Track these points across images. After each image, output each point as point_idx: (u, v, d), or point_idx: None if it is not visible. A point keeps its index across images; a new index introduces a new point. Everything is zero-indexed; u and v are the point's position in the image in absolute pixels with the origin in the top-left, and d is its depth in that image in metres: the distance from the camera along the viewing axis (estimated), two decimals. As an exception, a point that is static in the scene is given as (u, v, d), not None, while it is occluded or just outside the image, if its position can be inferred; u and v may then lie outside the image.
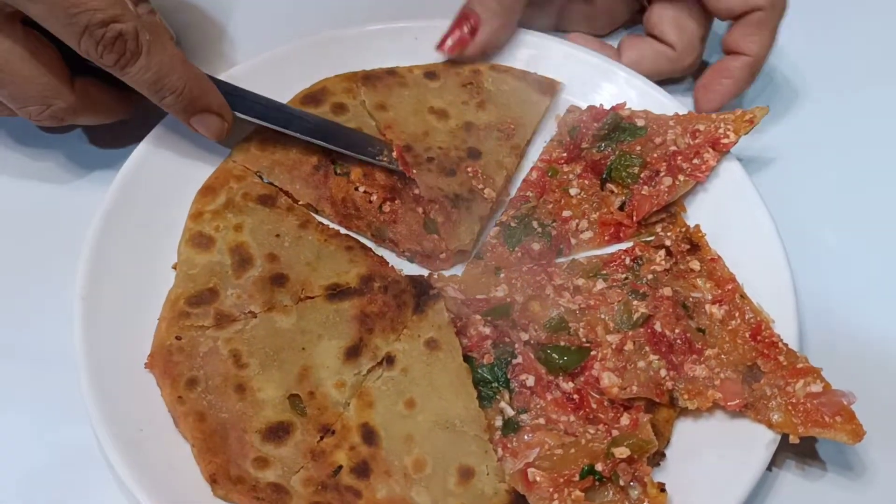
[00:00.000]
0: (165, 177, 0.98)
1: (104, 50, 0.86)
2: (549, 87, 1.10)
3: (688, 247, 0.97)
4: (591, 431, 0.85)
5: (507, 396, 0.87)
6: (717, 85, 1.10)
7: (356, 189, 0.99)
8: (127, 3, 0.87)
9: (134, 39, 0.87)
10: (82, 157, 1.07)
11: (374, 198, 0.99)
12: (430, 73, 1.10)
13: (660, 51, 1.13)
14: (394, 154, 1.01)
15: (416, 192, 1.00)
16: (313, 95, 1.06)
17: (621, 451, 0.80)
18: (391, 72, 1.10)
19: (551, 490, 0.79)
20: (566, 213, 1.01)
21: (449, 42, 1.09)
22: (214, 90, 0.96)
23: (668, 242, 0.97)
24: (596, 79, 1.11)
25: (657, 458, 0.84)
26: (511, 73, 1.11)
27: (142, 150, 0.99)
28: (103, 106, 0.98)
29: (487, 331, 0.90)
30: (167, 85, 0.91)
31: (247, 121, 1.00)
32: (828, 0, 1.13)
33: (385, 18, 1.14)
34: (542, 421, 0.86)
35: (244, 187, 0.98)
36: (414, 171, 0.99)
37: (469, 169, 1.01)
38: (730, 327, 0.89)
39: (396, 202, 0.99)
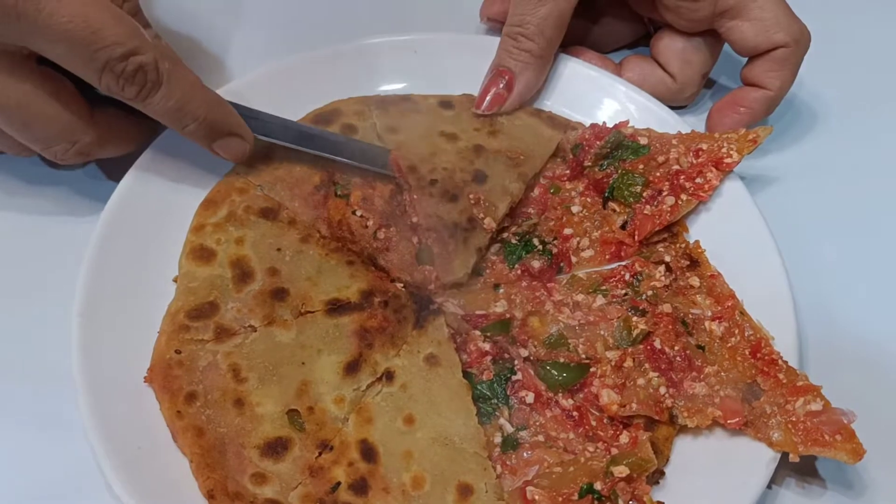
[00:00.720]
0: (166, 189, 1.00)
1: (125, 83, 0.87)
2: (562, 125, 1.11)
3: (687, 263, 0.99)
4: (591, 449, 0.87)
5: (506, 413, 0.89)
6: (734, 113, 1.12)
7: (353, 213, 1.01)
8: (143, 33, 0.89)
9: (154, 70, 0.88)
10: (81, 171, 1.09)
11: (369, 223, 1.00)
12: (446, 103, 1.13)
13: (661, 78, 1.17)
14: (389, 156, 1.03)
15: (413, 220, 1.01)
16: (324, 115, 1.09)
17: (620, 470, 0.82)
18: (406, 98, 1.13)
19: (550, 509, 0.81)
20: (567, 231, 1.03)
21: (486, 101, 1.10)
22: (234, 112, 0.98)
23: (667, 258, 0.99)
24: (597, 94, 1.14)
25: (656, 476, 0.86)
26: (525, 110, 1.13)
27: (142, 162, 1.01)
28: (125, 135, 1.00)
29: (487, 347, 0.92)
30: (189, 112, 0.93)
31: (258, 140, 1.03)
32: (831, 23, 1.16)
33: (381, 32, 1.16)
34: (541, 438, 0.88)
35: (246, 200, 1.01)
36: (415, 196, 1.01)
37: (472, 196, 1.02)
38: (729, 344, 0.91)
39: (392, 230, 1.00)
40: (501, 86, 1.10)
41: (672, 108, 1.14)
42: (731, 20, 1.09)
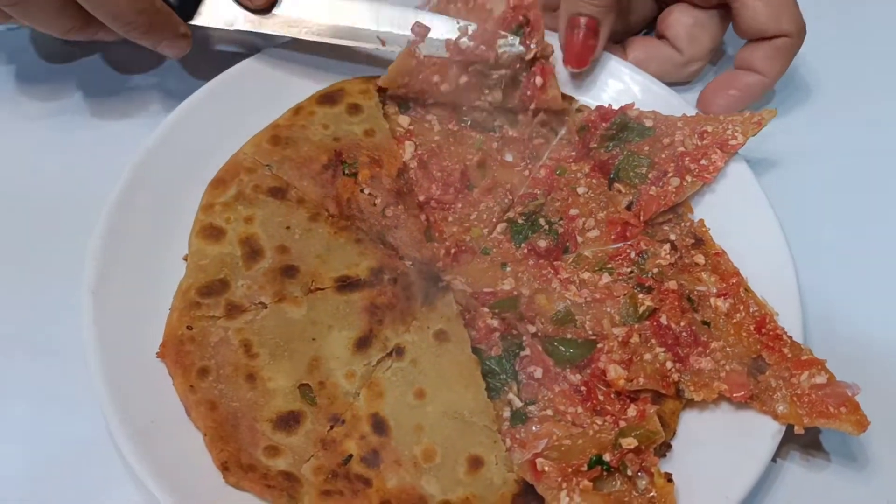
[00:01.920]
0: (176, 169, 1.03)
1: None
2: (566, 99, 1.14)
3: (692, 241, 1.03)
4: (599, 422, 0.90)
5: (515, 388, 0.93)
6: (727, 94, 1.16)
7: (361, 191, 1.04)
8: None
9: None
10: (92, 150, 1.12)
11: (377, 201, 1.03)
12: None
13: (667, 55, 1.20)
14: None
15: (421, 199, 1.05)
16: (330, 95, 1.12)
17: (629, 442, 0.86)
18: None
19: (560, 480, 0.85)
20: (573, 212, 1.06)
21: (576, 54, 1.11)
22: None
23: (672, 237, 1.03)
24: (603, 76, 1.17)
25: (663, 448, 0.90)
26: None
27: (152, 142, 1.03)
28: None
29: (495, 323, 0.96)
30: None
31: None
32: (835, 6, 1.20)
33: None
34: (549, 412, 0.91)
35: (255, 179, 1.03)
36: None
37: None
38: (735, 320, 0.95)
39: (400, 207, 1.03)
40: (580, 36, 1.10)
41: (676, 84, 1.18)
42: None
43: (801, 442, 0.93)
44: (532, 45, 1.08)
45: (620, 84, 1.17)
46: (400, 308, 0.96)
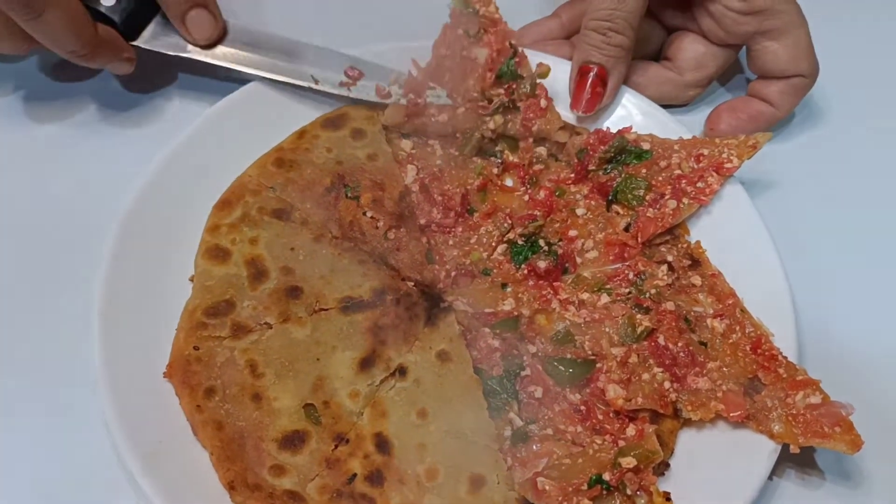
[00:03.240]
0: (182, 191, 1.05)
1: None
2: (568, 129, 1.16)
3: (689, 262, 1.06)
4: (598, 442, 0.92)
5: (515, 407, 0.95)
6: (737, 116, 1.20)
7: (364, 214, 1.06)
8: None
9: None
10: (98, 171, 1.15)
11: (380, 224, 1.05)
12: None
13: (666, 78, 1.23)
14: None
15: (422, 222, 1.08)
16: (334, 119, 1.15)
17: (628, 461, 0.88)
18: None
19: (560, 499, 0.87)
20: (572, 233, 1.08)
21: (584, 100, 1.14)
22: None
23: (670, 258, 1.06)
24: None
25: (662, 468, 0.92)
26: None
27: (158, 164, 1.06)
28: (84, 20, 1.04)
29: (496, 343, 0.98)
30: None
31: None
32: (831, 29, 1.23)
33: (387, 38, 1.21)
34: (550, 431, 0.93)
35: (259, 201, 1.06)
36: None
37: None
38: (731, 341, 0.98)
39: (402, 230, 1.06)
40: (590, 82, 1.14)
41: (673, 107, 1.21)
42: (768, 41, 1.16)
43: (797, 460, 0.95)
44: (523, 73, 1.14)
45: (619, 108, 1.19)
46: (403, 328, 0.98)
